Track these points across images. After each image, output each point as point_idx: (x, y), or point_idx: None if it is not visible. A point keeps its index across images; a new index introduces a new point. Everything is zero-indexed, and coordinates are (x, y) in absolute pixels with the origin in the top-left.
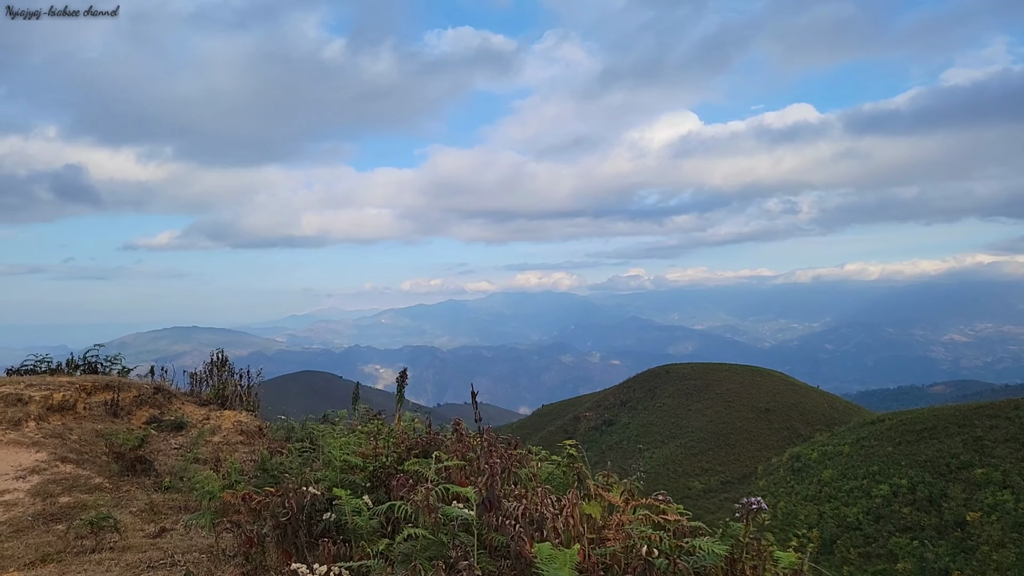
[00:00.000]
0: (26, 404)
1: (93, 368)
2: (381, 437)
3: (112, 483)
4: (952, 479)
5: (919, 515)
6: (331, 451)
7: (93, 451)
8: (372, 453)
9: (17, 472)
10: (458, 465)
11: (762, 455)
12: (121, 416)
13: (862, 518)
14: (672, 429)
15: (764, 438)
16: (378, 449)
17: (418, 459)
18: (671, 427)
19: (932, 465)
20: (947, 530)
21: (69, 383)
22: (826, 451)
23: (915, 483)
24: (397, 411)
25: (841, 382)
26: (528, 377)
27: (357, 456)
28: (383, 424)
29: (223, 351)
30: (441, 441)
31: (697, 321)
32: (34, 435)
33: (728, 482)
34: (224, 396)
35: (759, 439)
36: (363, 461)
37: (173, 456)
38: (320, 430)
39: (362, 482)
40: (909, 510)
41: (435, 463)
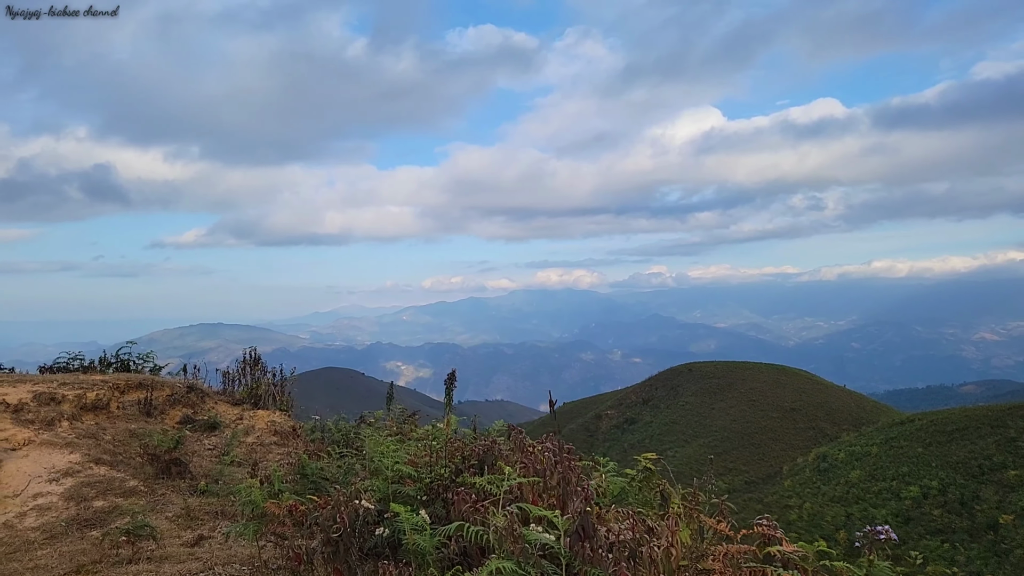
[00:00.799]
0: (59, 403)
1: (126, 366)
2: (433, 444)
3: (147, 486)
4: (984, 481)
5: (950, 517)
6: (380, 459)
7: (127, 452)
8: (424, 462)
9: (51, 474)
10: (532, 482)
11: (787, 455)
12: (154, 416)
13: (891, 520)
14: (695, 428)
15: (789, 438)
16: (432, 458)
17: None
18: (694, 426)
19: (964, 466)
20: (979, 533)
21: (102, 381)
22: (853, 451)
23: (946, 485)
24: (446, 414)
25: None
26: (549, 374)
27: (407, 464)
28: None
29: (255, 349)
30: (499, 450)
31: (720, 319)
32: (68, 435)
33: (752, 482)
34: (257, 395)
35: (784, 439)
36: (416, 471)
37: (207, 457)
38: (362, 433)
39: (416, 494)
40: (940, 512)
41: (507, 478)
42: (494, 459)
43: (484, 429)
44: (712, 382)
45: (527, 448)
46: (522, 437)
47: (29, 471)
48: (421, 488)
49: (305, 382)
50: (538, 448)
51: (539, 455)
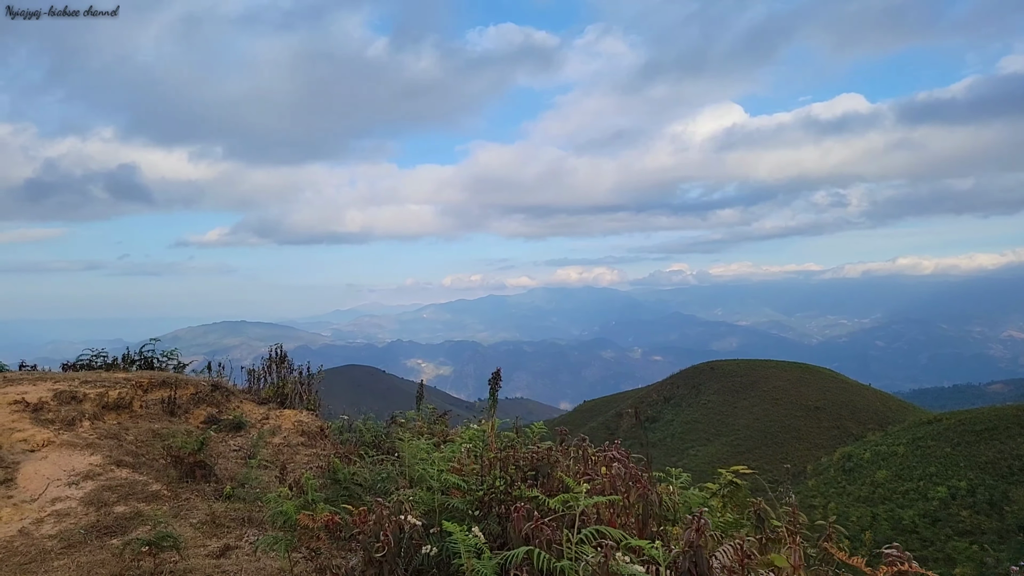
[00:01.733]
0: (80, 402)
1: (149, 363)
2: (479, 450)
3: (170, 490)
4: (1014, 481)
5: (979, 518)
6: (423, 466)
7: (150, 453)
8: (471, 470)
9: (70, 477)
10: (614, 501)
11: (811, 454)
12: (178, 415)
13: (918, 521)
14: (718, 427)
15: (813, 437)
16: (482, 466)
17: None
18: (716, 424)
19: (993, 467)
20: (1009, 534)
21: (125, 379)
22: (879, 451)
23: (975, 485)
24: (490, 417)
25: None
26: (568, 372)
27: (451, 472)
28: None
29: (281, 346)
30: (556, 459)
31: (741, 317)
32: (89, 436)
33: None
34: (284, 394)
35: (808, 438)
36: (465, 482)
37: (233, 459)
38: (394, 435)
39: (465, 508)
40: (968, 513)
41: (580, 496)
42: (549, 469)
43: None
44: (734, 380)
45: (591, 458)
46: (585, 445)
47: (48, 474)
48: (471, 501)
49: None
50: (602, 457)
51: (603, 464)
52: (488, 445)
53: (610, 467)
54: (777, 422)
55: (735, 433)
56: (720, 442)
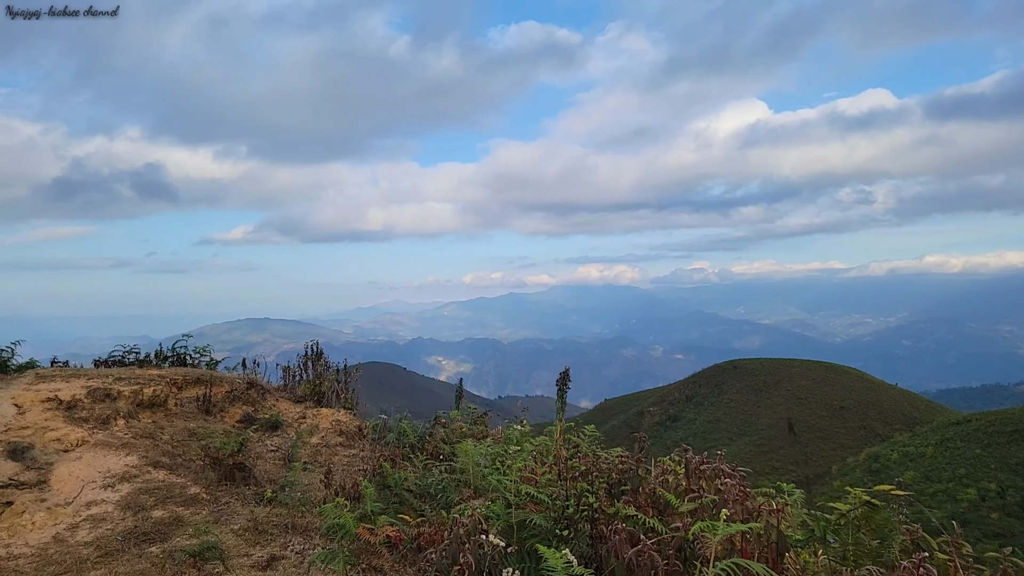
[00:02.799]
0: (115, 400)
1: (182, 360)
2: (551, 456)
3: (209, 493)
4: None
5: (1009, 521)
6: (495, 476)
7: (186, 454)
8: (546, 480)
9: (106, 479)
10: (754, 530)
11: (837, 455)
12: (213, 413)
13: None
14: (741, 426)
15: (839, 437)
16: (563, 476)
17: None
18: (739, 424)
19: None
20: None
21: (159, 376)
22: (907, 452)
23: (1005, 487)
24: (558, 421)
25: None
26: (589, 370)
27: (524, 481)
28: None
29: (317, 343)
30: (646, 470)
31: (764, 315)
32: (123, 435)
33: (801, 481)
34: (320, 392)
35: (834, 438)
36: (546, 495)
37: (270, 460)
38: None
39: (549, 525)
40: (998, 515)
41: (720, 524)
42: (639, 482)
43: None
44: (758, 379)
45: (696, 470)
46: (689, 455)
47: (83, 475)
48: (556, 518)
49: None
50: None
51: (704, 477)
52: (556, 451)
53: (715, 482)
54: (802, 422)
55: (759, 432)
56: (743, 441)
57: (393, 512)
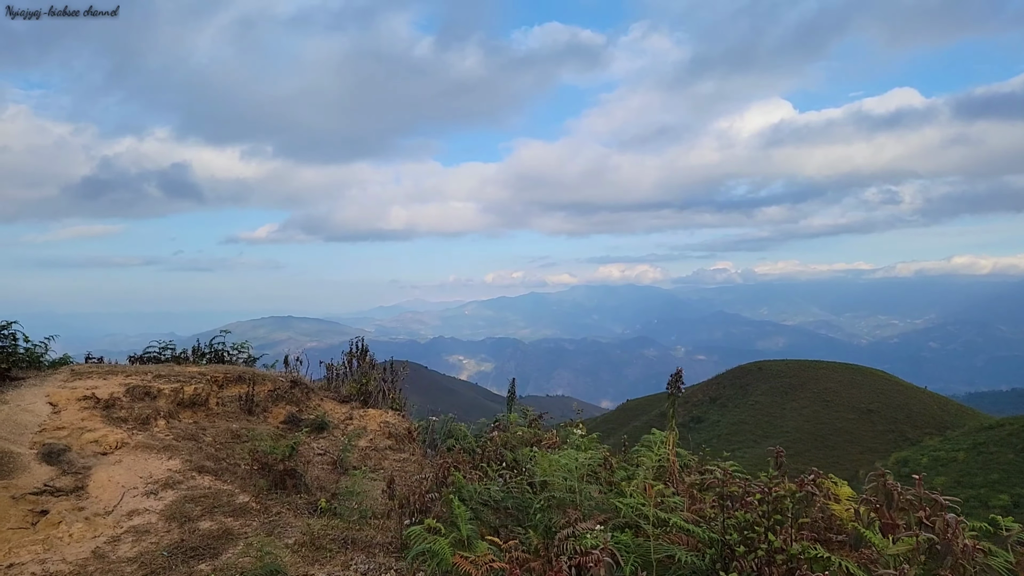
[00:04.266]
0: (155, 399)
1: (219, 356)
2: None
3: (259, 502)
4: None
5: None
6: (622, 501)
7: (231, 457)
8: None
9: (148, 485)
10: None
11: (864, 458)
12: (256, 413)
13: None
14: (766, 428)
15: (867, 440)
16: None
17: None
18: (764, 426)
19: None
20: None
21: (199, 374)
22: (937, 457)
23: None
24: (669, 427)
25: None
26: (610, 370)
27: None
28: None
29: (363, 339)
30: (810, 495)
31: (788, 316)
32: (165, 436)
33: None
34: (367, 392)
35: (861, 441)
36: (703, 529)
37: (318, 465)
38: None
39: (702, 564)
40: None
41: None
42: (803, 510)
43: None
44: (783, 381)
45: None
46: (890, 482)
47: (123, 481)
48: (714, 555)
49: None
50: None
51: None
52: (670, 470)
53: (917, 514)
54: (828, 424)
55: (784, 435)
56: (768, 443)
57: (473, 531)
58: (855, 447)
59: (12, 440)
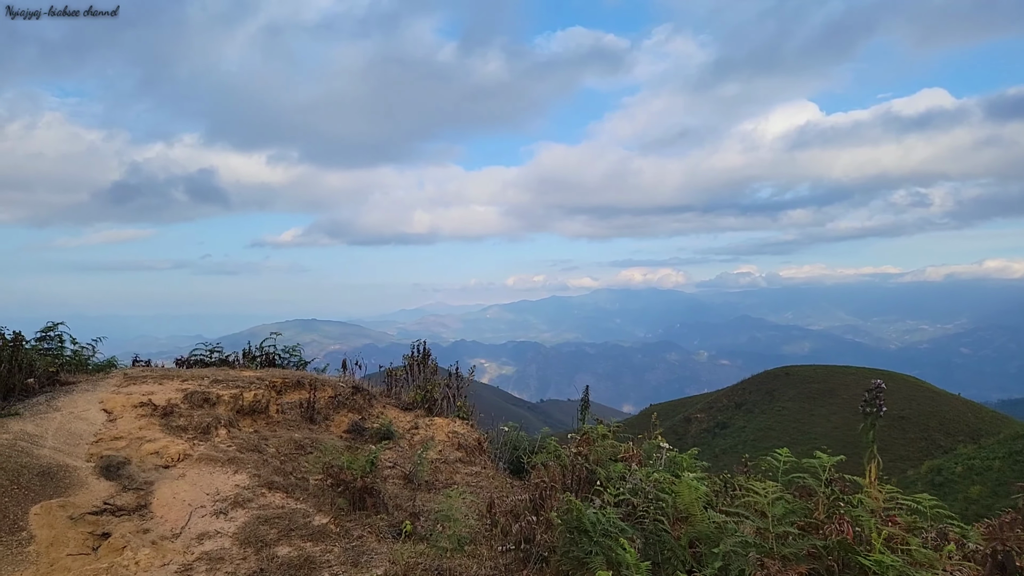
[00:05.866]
0: (214, 405)
1: (271, 360)
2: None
3: (337, 524)
4: None
5: None
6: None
7: (298, 470)
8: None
9: (216, 503)
10: None
11: (896, 466)
12: (318, 421)
13: None
14: (793, 435)
15: (898, 448)
16: None
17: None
18: (792, 432)
19: None
20: None
21: (258, 379)
22: (972, 465)
23: None
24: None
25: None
26: (632, 375)
27: None
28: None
29: (424, 343)
30: None
31: (814, 321)
32: (227, 447)
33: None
34: (432, 399)
35: (892, 449)
36: None
37: (390, 479)
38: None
39: None
40: None
41: None
42: None
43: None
44: (811, 387)
45: None
46: None
47: (188, 498)
48: None
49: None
50: None
51: None
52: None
53: None
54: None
55: (812, 442)
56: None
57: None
58: (886, 455)
59: (67, 452)
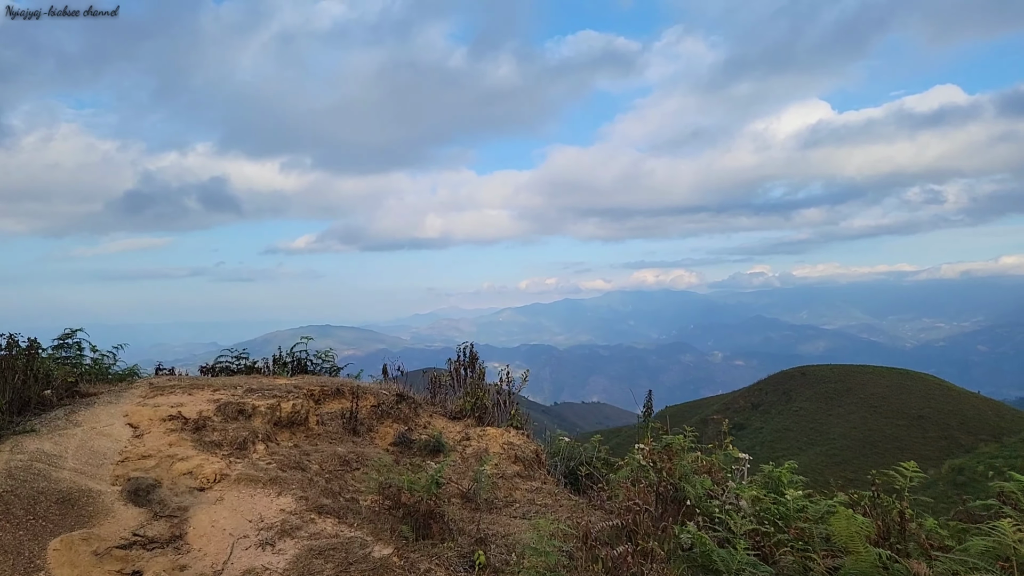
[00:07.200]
0: (249, 418)
1: (302, 366)
2: None
3: (400, 555)
4: None
5: None
6: None
7: (345, 490)
8: None
9: (260, 532)
10: None
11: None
12: (361, 433)
13: None
14: (811, 435)
15: (918, 448)
16: None
17: None
18: (810, 433)
19: None
20: None
21: (294, 387)
22: (994, 464)
23: None
24: None
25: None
26: (646, 377)
27: None
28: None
29: (472, 345)
30: None
31: (829, 320)
32: (267, 465)
33: (834, 484)
34: (483, 407)
35: (912, 448)
36: None
37: (447, 499)
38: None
39: None
40: None
41: None
42: None
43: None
44: (828, 387)
45: None
46: None
47: (229, 526)
48: None
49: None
50: None
51: None
52: None
53: None
54: (877, 431)
55: (831, 442)
56: (814, 451)
57: None
58: (905, 454)
59: (90, 473)
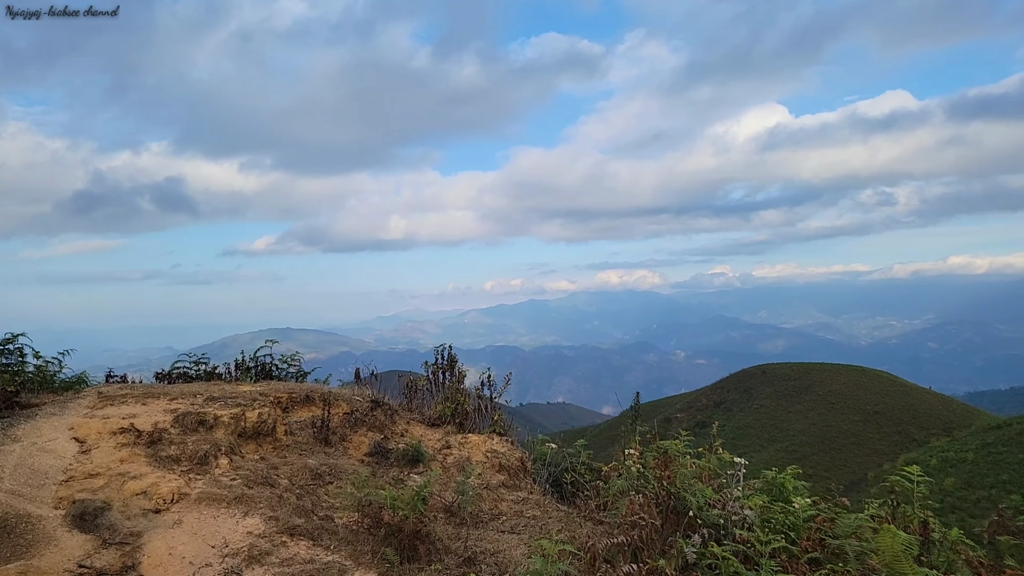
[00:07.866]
0: (211, 429)
1: (267, 371)
2: None
3: None
4: None
5: None
6: None
7: (319, 506)
8: None
9: (225, 559)
10: None
11: (872, 461)
12: (333, 443)
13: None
14: (771, 432)
15: (874, 442)
16: None
17: None
18: (770, 430)
19: None
20: None
21: (260, 395)
22: (946, 457)
23: None
24: None
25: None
26: (611, 376)
27: None
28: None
29: (450, 347)
30: None
31: (787, 319)
32: (231, 481)
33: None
34: (464, 413)
35: (868, 443)
36: None
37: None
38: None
39: None
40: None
41: None
42: None
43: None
44: (787, 384)
45: None
46: None
47: (190, 553)
48: None
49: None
50: None
51: None
52: None
53: None
54: (834, 427)
55: (790, 439)
56: (775, 448)
57: None
58: (862, 449)
59: (29, 496)
